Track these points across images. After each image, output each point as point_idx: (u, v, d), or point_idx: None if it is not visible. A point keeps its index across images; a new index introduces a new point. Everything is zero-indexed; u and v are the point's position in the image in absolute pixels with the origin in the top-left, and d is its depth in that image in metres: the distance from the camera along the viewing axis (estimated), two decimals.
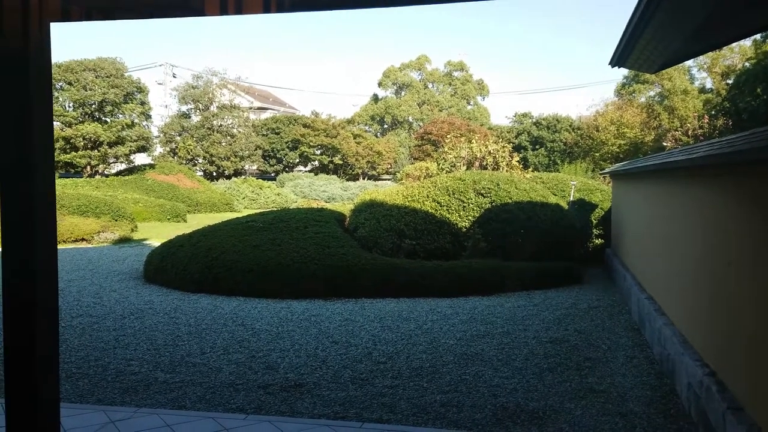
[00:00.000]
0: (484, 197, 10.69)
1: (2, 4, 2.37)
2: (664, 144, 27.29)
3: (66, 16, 2.95)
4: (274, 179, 37.91)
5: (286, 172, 41.34)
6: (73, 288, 9.05)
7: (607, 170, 13.47)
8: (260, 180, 34.42)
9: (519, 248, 10.03)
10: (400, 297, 8.50)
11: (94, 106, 31.04)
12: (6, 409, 2.31)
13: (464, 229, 10.44)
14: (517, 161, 15.55)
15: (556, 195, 12.48)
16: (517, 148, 34.37)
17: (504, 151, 15.33)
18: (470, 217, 10.52)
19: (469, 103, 57.73)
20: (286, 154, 41.92)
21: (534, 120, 39.89)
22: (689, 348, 4.65)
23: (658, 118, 29.38)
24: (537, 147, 37.40)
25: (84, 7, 3.05)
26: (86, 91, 30.29)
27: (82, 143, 29.76)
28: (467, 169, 15.03)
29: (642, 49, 5.13)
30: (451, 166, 15.46)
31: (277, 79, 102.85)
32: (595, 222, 12.50)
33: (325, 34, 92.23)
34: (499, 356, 5.67)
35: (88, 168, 31.05)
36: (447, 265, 9.21)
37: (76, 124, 29.84)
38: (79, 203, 17.60)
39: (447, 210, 10.59)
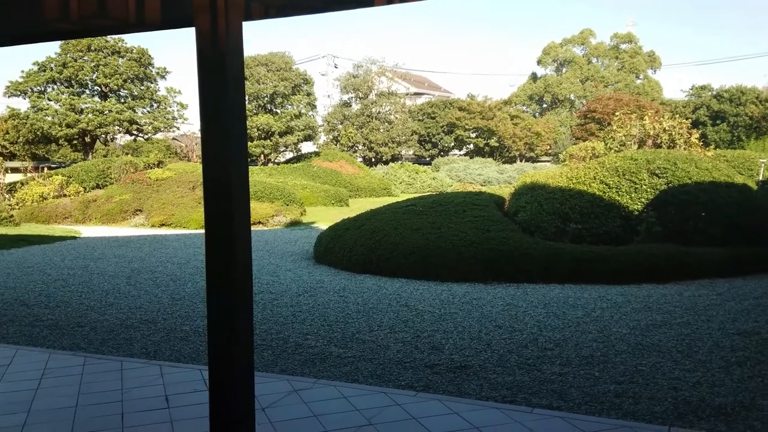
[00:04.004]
0: (659, 178, 9.93)
1: (193, 5, 2.62)
2: None
3: (248, 16, 3.19)
4: (429, 164, 38.33)
5: (441, 156, 41.58)
6: (253, 267, 9.89)
7: None
8: (416, 165, 35.00)
9: (699, 233, 9.19)
10: (565, 283, 8.21)
11: (266, 98, 33.48)
12: (209, 376, 2.60)
13: (636, 213, 9.79)
14: (696, 138, 14.20)
15: (742, 174, 11.28)
16: (695, 124, 31.46)
17: (681, 128, 14.06)
18: (643, 200, 9.83)
19: (638, 77, 53.80)
20: (441, 139, 42.12)
21: (714, 92, 36.23)
22: None
23: None
24: (717, 122, 33.96)
25: (263, 5, 3.28)
26: (259, 84, 32.74)
27: (256, 134, 32.28)
28: (639, 148, 14.05)
29: None
30: (621, 145, 14.52)
31: (432, 64, 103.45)
32: None
33: (482, 15, 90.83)
34: (678, 348, 5.28)
35: (262, 157, 33.63)
36: (617, 250, 8.71)
37: (251, 116, 32.39)
38: (255, 189, 19.14)
39: (616, 192, 10.00)
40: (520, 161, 42.08)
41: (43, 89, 32.83)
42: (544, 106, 53.97)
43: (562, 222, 9.90)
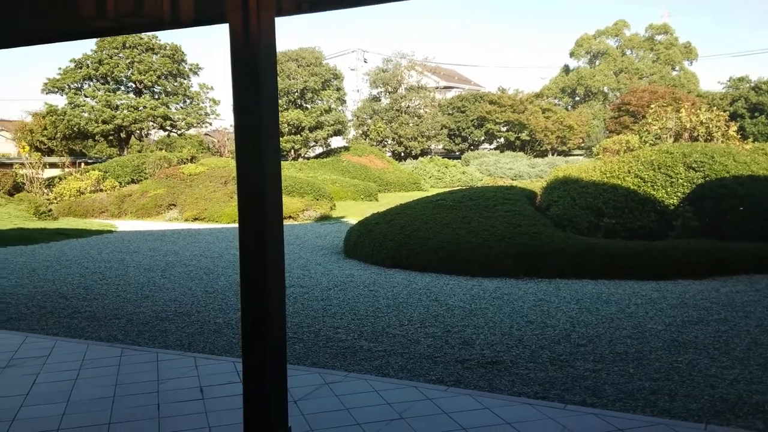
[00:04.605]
0: (696, 171, 9.71)
1: (225, 3, 2.64)
2: None
3: (279, 12, 3.20)
4: (459, 158, 38.10)
5: (471, 150, 41.30)
6: (285, 261, 9.98)
7: None
8: (445, 159, 34.83)
9: (738, 228, 8.97)
10: (598, 278, 8.09)
11: (296, 93, 33.69)
12: (243, 368, 2.63)
13: (671, 207, 9.59)
14: (734, 131, 13.83)
15: None
16: (732, 117, 30.70)
17: (719, 121, 13.71)
18: (679, 194, 9.63)
19: (674, 69, 52.65)
20: (471, 132, 41.83)
21: (752, 84, 35.28)
22: None
23: None
24: (756, 114, 33.09)
25: (295, 1, 3.28)
26: (290, 80, 32.95)
27: (286, 129, 32.52)
28: (674, 141, 13.75)
29: None
30: (656, 138, 14.24)
31: (462, 57, 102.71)
32: None
33: (513, 7, 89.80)
34: (715, 344, 5.17)
35: (292, 152, 33.87)
36: (651, 245, 8.55)
37: (281, 111, 32.65)
38: (285, 184, 19.28)
39: (651, 186, 9.81)
40: (552, 155, 41.54)
41: (79, 86, 33.61)
42: (577, 98, 53.18)
43: (595, 216, 9.76)
